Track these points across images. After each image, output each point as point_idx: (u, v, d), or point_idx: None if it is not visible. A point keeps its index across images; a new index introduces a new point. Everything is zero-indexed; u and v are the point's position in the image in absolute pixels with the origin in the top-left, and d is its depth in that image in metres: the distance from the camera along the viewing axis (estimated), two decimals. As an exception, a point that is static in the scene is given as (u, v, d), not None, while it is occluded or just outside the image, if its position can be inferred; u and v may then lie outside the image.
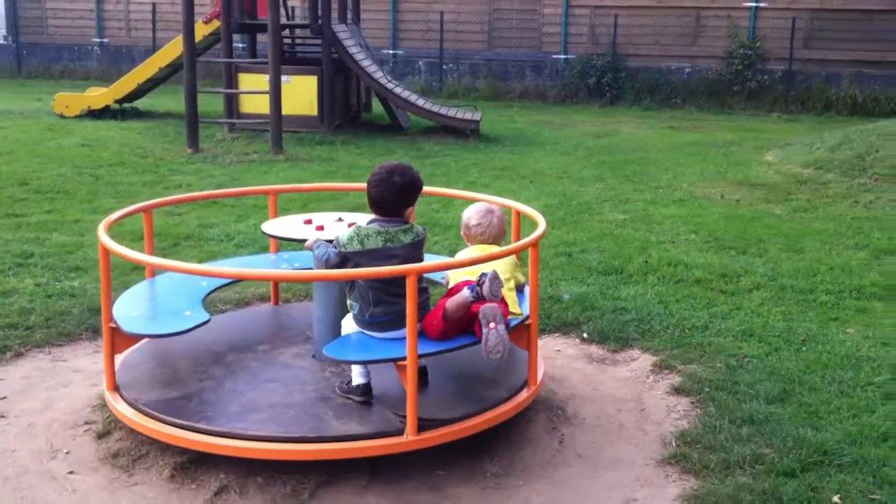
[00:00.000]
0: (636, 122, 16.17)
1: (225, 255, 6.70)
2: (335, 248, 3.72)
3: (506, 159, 11.67)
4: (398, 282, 3.58)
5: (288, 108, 12.56)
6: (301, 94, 13.31)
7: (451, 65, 20.65)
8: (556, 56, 20.38)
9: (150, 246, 4.72)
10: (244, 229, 7.49)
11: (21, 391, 4.38)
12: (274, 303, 5.38)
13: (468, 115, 13.77)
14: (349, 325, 3.85)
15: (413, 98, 13.82)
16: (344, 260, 3.70)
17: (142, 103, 15.99)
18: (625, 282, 6.34)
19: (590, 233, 7.69)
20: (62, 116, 14.69)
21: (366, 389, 3.80)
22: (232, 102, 13.50)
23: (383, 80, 13.63)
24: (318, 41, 13.72)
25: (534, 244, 4.03)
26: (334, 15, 14.34)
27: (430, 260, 4.42)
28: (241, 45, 17.50)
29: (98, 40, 23.16)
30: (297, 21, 17.19)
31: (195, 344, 4.48)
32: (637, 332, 5.34)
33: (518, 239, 4.90)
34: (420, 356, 3.57)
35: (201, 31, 14.39)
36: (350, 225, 4.07)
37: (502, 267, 4.18)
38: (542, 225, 4.27)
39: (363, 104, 16.14)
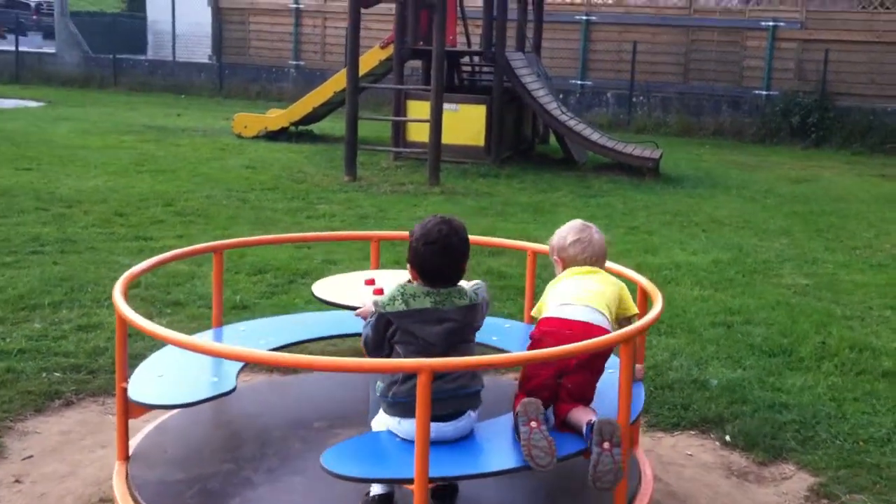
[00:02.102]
0: (841, 168, 14.52)
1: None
2: (373, 315, 2.99)
3: (681, 203, 10.56)
4: (442, 347, 2.92)
5: (454, 138, 12.04)
6: (469, 123, 12.72)
7: (641, 97, 19.54)
8: (757, 91, 18.87)
9: (218, 289, 4.17)
10: (368, 267, 6.86)
11: (52, 450, 3.89)
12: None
13: (647, 153, 12.73)
14: (380, 418, 3.10)
15: (587, 132, 12.94)
16: (386, 325, 2.97)
17: (319, 127, 15.96)
18: (792, 367, 5.22)
19: (760, 299, 6.56)
20: (240, 136, 14.83)
21: (385, 501, 3.02)
22: (399, 130, 13.10)
23: (556, 112, 12.84)
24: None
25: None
26: (511, 43, 13.70)
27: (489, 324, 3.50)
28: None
29: (294, 62, 23.68)
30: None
31: (248, 411, 3.88)
32: (795, 441, 4.26)
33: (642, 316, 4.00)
34: (435, 480, 2.79)
35: (377, 56, 14.17)
36: None
37: (607, 296, 3.37)
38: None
39: (539, 136, 15.39)
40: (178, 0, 25.77)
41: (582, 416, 3.10)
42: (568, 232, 3.60)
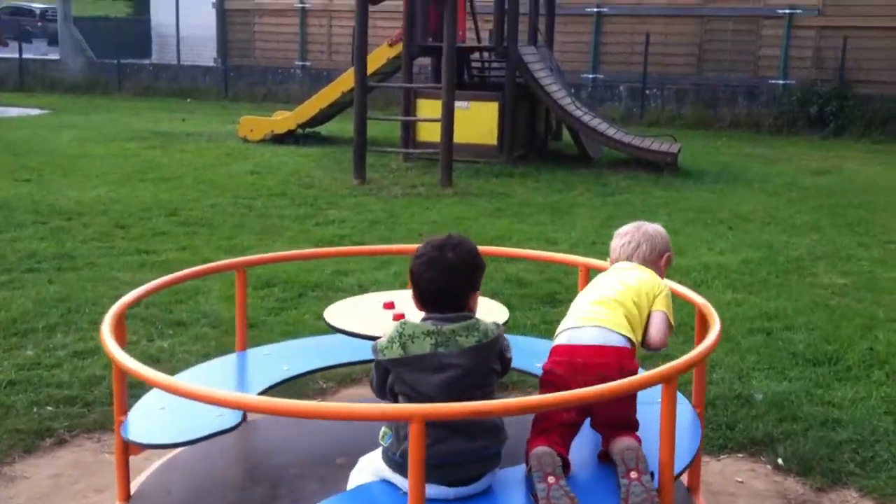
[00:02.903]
0: (864, 158, 14.08)
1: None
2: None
3: (703, 199, 10.17)
4: (443, 402, 2.43)
5: (466, 137, 11.67)
6: (481, 121, 12.35)
7: (654, 90, 19.12)
8: (773, 81, 18.44)
9: (241, 310, 3.87)
10: (382, 278, 6.53)
11: (40, 497, 3.55)
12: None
13: (664, 147, 12.34)
14: (372, 465, 2.73)
15: (603, 127, 12.55)
16: (384, 373, 2.60)
17: (326, 128, 15.62)
18: (840, 377, 4.84)
19: (798, 301, 6.18)
20: (246, 140, 14.51)
21: None
22: (409, 130, 12.74)
23: (570, 107, 12.45)
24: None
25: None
26: (523, 37, 13.32)
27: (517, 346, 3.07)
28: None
29: (300, 63, 23.36)
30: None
31: (262, 445, 3.56)
32: (854, 462, 3.89)
33: (700, 339, 3.63)
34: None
35: (386, 53, 13.81)
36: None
37: (629, 295, 3.03)
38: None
39: (552, 132, 15.00)
40: (182, 2, 25.50)
41: (620, 447, 2.75)
42: (618, 233, 3.36)
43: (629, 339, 2.94)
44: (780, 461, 3.93)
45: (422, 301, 2.66)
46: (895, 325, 5.70)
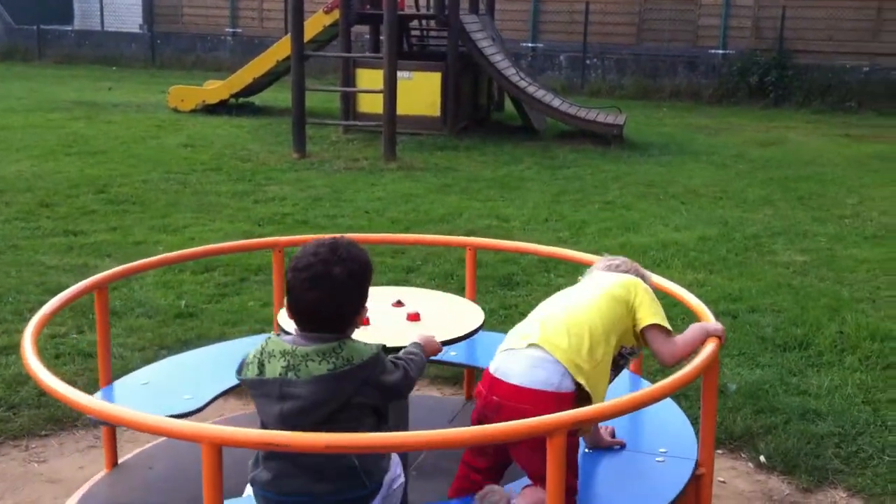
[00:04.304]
0: (806, 129, 14.08)
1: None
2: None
3: (653, 172, 9.99)
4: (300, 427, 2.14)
5: (408, 108, 11.30)
6: (423, 92, 11.98)
7: (595, 60, 18.92)
8: (713, 51, 18.37)
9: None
10: (329, 261, 6.17)
11: (-42, 520, 3.17)
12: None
13: (610, 119, 12.14)
14: None
15: (548, 98, 12.29)
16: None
17: (261, 98, 15.06)
18: (813, 363, 4.68)
19: (760, 281, 6.01)
20: (176, 111, 13.89)
21: None
22: (349, 101, 12.31)
23: (515, 78, 12.16)
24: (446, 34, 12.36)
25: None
26: (465, 5, 12.96)
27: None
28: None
29: (231, 30, 22.59)
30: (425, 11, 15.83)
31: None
32: (840, 459, 3.71)
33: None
34: None
35: (321, 21, 13.32)
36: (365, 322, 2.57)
37: (591, 315, 2.56)
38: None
39: (494, 103, 14.70)
40: (105, -35, 24.44)
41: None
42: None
43: (573, 381, 2.45)
44: (762, 458, 3.73)
45: (297, 320, 2.26)
46: (861, 305, 5.57)
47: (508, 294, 5.61)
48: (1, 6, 25.41)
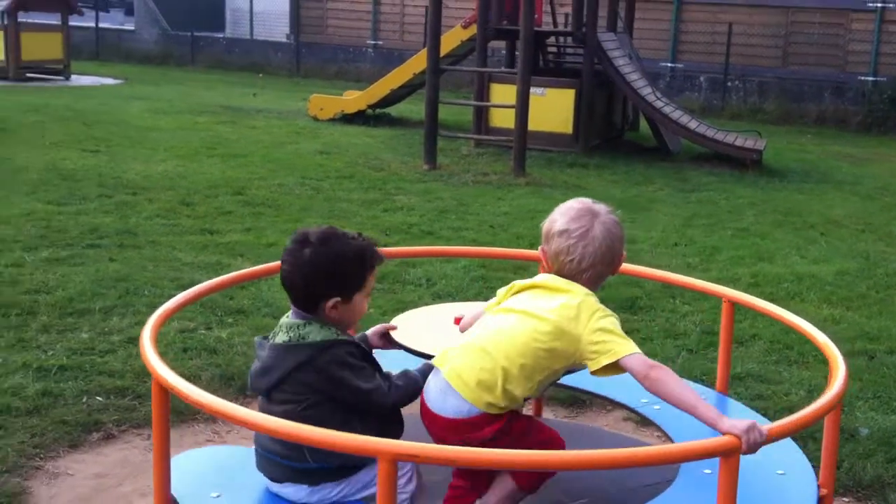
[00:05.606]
0: (961, 162, 13.29)
1: (420, 305, 5.44)
2: None
3: (791, 200, 9.63)
4: (256, 391, 2.59)
5: (540, 125, 11.29)
6: (556, 108, 11.92)
7: (736, 82, 18.42)
8: (862, 77, 17.60)
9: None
10: (450, 272, 6.20)
11: (81, 500, 3.31)
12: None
13: (749, 143, 11.78)
14: None
15: (684, 120, 12.02)
16: None
17: (397, 109, 15.32)
18: (955, 412, 4.38)
19: (902, 321, 5.70)
20: (315, 119, 14.27)
21: None
22: (481, 115, 12.37)
23: (651, 98, 11.95)
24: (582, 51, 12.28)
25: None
26: (602, 23, 12.84)
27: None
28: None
29: (372, 42, 23.08)
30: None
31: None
32: (979, 517, 3.46)
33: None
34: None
35: (459, 35, 13.46)
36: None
37: (505, 350, 2.36)
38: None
39: (629, 122, 14.49)
40: (256, -24, 25.40)
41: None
42: (560, 215, 2.46)
43: (485, 402, 2.35)
44: (893, 510, 3.52)
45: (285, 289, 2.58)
46: None
47: (631, 318, 5.49)
48: (159, 13, 26.78)
